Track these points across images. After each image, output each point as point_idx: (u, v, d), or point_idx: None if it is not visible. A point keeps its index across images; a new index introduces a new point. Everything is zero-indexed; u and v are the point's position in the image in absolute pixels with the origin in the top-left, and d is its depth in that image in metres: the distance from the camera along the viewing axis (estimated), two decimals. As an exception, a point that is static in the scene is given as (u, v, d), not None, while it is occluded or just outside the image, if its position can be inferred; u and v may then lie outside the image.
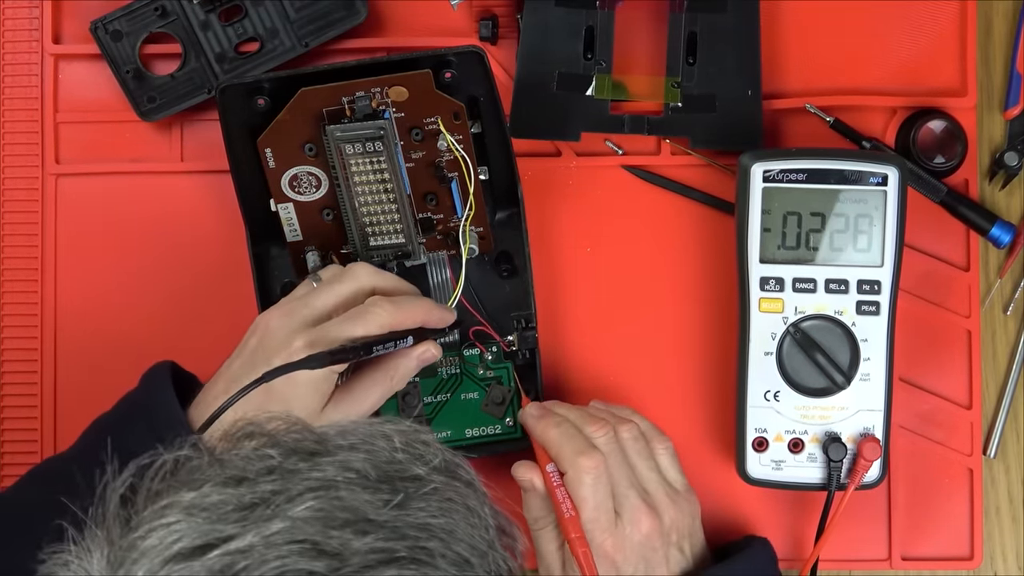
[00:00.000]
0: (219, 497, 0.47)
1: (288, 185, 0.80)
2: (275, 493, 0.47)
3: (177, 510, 0.47)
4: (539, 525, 0.76)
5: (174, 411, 0.73)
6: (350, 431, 0.51)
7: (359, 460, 0.49)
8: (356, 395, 0.75)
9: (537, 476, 0.76)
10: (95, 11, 0.87)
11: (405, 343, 0.75)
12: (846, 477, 0.80)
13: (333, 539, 0.46)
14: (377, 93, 0.77)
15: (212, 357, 0.79)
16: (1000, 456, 0.87)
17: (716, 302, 0.87)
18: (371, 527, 0.47)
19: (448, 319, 0.79)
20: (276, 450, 0.49)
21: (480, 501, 0.52)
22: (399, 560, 0.46)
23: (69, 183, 0.89)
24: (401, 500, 0.48)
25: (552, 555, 0.76)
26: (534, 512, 0.76)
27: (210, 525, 0.46)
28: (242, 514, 0.47)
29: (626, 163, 0.88)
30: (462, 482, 0.52)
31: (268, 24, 0.87)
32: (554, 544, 0.76)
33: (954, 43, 0.87)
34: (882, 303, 0.80)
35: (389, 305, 0.74)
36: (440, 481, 0.50)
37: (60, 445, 0.87)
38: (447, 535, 0.48)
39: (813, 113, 0.87)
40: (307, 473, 0.48)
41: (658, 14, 0.86)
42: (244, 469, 0.49)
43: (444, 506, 0.49)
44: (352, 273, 0.77)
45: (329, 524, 0.46)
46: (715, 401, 0.86)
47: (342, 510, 0.47)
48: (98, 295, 0.89)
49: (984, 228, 0.86)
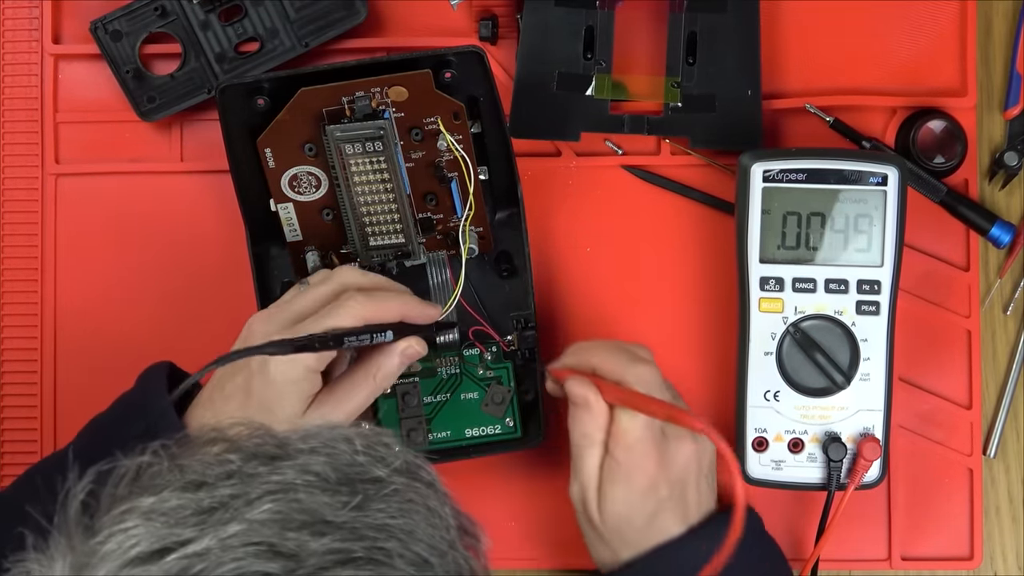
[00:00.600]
0: (178, 502, 0.48)
1: (288, 185, 0.80)
2: (234, 497, 0.48)
3: (136, 515, 0.48)
4: (586, 442, 0.75)
5: (168, 412, 0.73)
6: (312, 435, 0.52)
7: (319, 463, 0.50)
8: (339, 396, 0.75)
9: (592, 391, 0.74)
10: (95, 11, 0.87)
11: (383, 337, 0.73)
12: (846, 477, 0.80)
13: (290, 541, 0.46)
14: (377, 93, 0.77)
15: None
16: (1000, 456, 0.87)
17: (716, 302, 0.87)
18: (328, 528, 0.47)
19: (431, 315, 0.77)
20: (237, 455, 0.50)
21: (441, 502, 0.52)
22: (356, 560, 0.47)
23: (69, 183, 0.89)
24: (360, 501, 0.48)
25: (592, 472, 0.75)
26: (583, 428, 0.75)
27: (168, 529, 0.47)
28: (200, 518, 0.47)
29: (626, 163, 0.88)
30: (423, 483, 0.52)
31: (268, 24, 0.87)
32: (596, 460, 0.75)
33: (954, 43, 0.87)
34: (882, 303, 0.80)
35: (362, 297, 0.73)
36: (401, 482, 0.51)
37: (60, 445, 0.87)
38: (406, 535, 0.49)
39: (813, 113, 0.87)
40: (266, 477, 0.49)
41: (658, 14, 0.86)
42: (204, 474, 0.49)
43: (404, 507, 0.50)
44: (335, 275, 0.77)
45: (286, 526, 0.47)
46: (715, 401, 0.86)
47: (300, 512, 0.47)
48: (98, 295, 0.89)
49: (984, 228, 0.86)
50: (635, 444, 0.73)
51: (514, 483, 0.87)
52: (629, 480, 0.74)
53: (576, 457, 0.76)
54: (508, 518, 0.87)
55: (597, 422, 0.75)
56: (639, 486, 0.74)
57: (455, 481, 0.86)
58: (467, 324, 0.82)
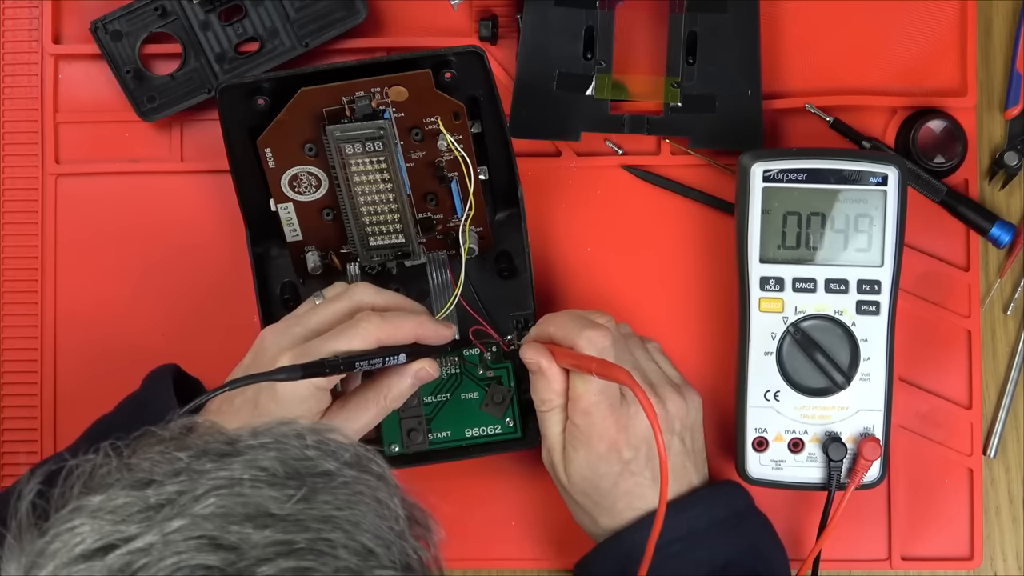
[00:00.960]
0: (125, 500, 0.48)
1: (288, 185, 0.80)
2: (180, 493, 0.48)
3: (84, 514, 0.48)
4: (545, 407, 0.77)
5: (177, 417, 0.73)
6: (263, 431, 0.52)
7: (268, 458, 0.50)
8: (349, 413, 0.75)
9: (544, 356, 0.76)
10: (95, 11, 0.87)
11: (396, 360, 0.74)
12: (846, 477, 0.80)
13: (232, 534, 0.47)
14: (377, 93, 0.77)
15: (211, 356, 0.80)
16: (1000, 456, 0.87)
17: (716, 302, 0.87)
18: (272, 521, 0.48)
19: (445, 335, 0.77)
20: (186, 452, 0.50)
21: (391, 493, 0.52)
22: (298, 551, 0.47)
23: (69, 183, 0.89)
24: (305, 494, 0.49)
25: (556, 436, 0.77)
26: (541, 394, 0.77)
27: (113, 526, 0.47)
28: (146, 515, 0.48)
29: (626, 163, 0.88)
30: (373, 475, 0.52)
31: (268, 24, 0.87)
32: (559, 427, 0.77)
33: (954, 43, 0.87)
34: (882, 303, 0.80)
35: (377, 319, 0.73)
36: (351, 475, 0.51)
37: (60, 445, 0.87)
38: (352, 526, 0.49)
39: (813, 113, 0.87)
40: (214, 473, 0.49)
41: (658, 14, 0.86)
42: (152, 472, 0.50)
43: (352, 498, 0.50)
44: (352, 292, 0.76)
45: (229, 520, 0.47)
46: (715, 401, 0.86)
47: (244, 506, 0.48)
48: (98, 295, 0.89)
49: (984, 228, 0.86)
50: (591, 408, 0.75)
51: (514, 483, 0.87)
52: (589, 444, 0.75)
53: (540, 423, 0.78)
54: (508, 518, 0.87)
55: (552, 386, 0.76)
56: (599, 449, 0.75)
57: (455, 481, 0.86)
58: (467, 324, 0.82)
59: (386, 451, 0.83)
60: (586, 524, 0.79)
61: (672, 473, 0.76)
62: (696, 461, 0.79)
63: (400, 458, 0.83)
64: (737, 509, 0.78)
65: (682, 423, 0.78)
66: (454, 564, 0.86)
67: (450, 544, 0.55)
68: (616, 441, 0.75)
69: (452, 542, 0.69)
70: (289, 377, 0.69)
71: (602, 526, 0.77)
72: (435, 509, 0.85)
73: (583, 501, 0.77)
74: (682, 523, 0.75)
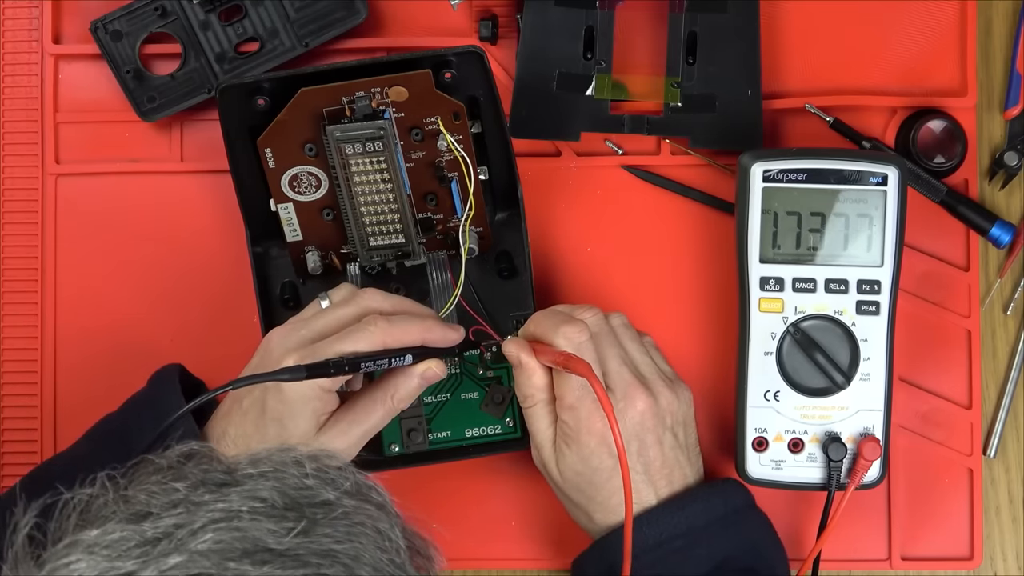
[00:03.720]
0: (122, 534, 0.48)
1: (288, 185, 0.80)
2: (178, 527, 0.48)
3: (79, 549, 0.48)
4: (528, 403, 0.77)
5: (187, 418, 0.73)
6: (262, 459, 0.52)
7: (267, 488, 0.50)
8: (355, 415, 0.75)
9: (525, 351, 0.76)
10: (95, 11, 0.87)
11: (402, 361, 0.74)
12: (846, 477, 0.80)
13: (229, 571, 0.46)
14: (377, 93, 0.77)
15: (212, 356, 0.80)
16: (1000, 456, 0.87)
17: (716, 302, 0.87)
18: (270, 556, 0.47)
19: (452, 338, 0.77)
20: (183, 483, 0.50)
21: (391, 523, 0.52)
22: None
23: (69, 183, 0.89)
24: (305, 527, 0.49)
25: (543, 433, 0.77)
26: (523, 390, 0.77)
27: (109, 563, 0.47)
28: (143, 549, 0.47)
29: (626, 163, 0.88)
30: (374, 505, 0.52)
31: (268, 24, 0.87)
32: (545, 422, 0.77)
33: (954, 43, 0.87)
34: (882, 303, 0.80)
35: (383, 322, 0.73)
36: (351, 505, 0.51)
37: (60, 445, 0.87)
38: (352, 560, 0.49)
39: (813, 113, 0.87)
40: (212, 505, 0.49)
41: (658, 14, 0.86)
42: (149, 504, 0.49)
43: (352, 530, 0.50)
44: (360, 297, 0.76)
45: (227, 556, 0.47)
46: (715, 401, 0.86)
47: (242, 541, 0.47)
48: (98, 295, 0.89)
49: (984, 228, 0.86)
50: (576, 403, 0.75)
51: (513, 483, 0.87)
52: (579, 439, 0.75)
53: (527, 421, 0.78)
54: (508, 518, 0.87)
55: (532, 381, 0.76)
56: (589, 444, 0.75)
57: (455, 481, 0.86)
58: (467, 324, 0.82)
59: (386, 451, 0.83)
60: (582, 521, 0.79)
61: (666, 467, 0.77)
62: (690, 455, 0.79)
63: (400, 458, 0.83)
64: (736, 506, 0.78)
65: (673, 417, 0.77)
66: (454, 564, 0.87)
67: (450, 544, 0.55)
68: (605, 435, 0.75)
69: (452, 542, 0.69)
70: (293, 377, 0.69)
71: (597, 522, 0.77)
72: (435, 509, 0.85)
73: (577, 498, 0.77)
74: (681, 520, 0.75)
